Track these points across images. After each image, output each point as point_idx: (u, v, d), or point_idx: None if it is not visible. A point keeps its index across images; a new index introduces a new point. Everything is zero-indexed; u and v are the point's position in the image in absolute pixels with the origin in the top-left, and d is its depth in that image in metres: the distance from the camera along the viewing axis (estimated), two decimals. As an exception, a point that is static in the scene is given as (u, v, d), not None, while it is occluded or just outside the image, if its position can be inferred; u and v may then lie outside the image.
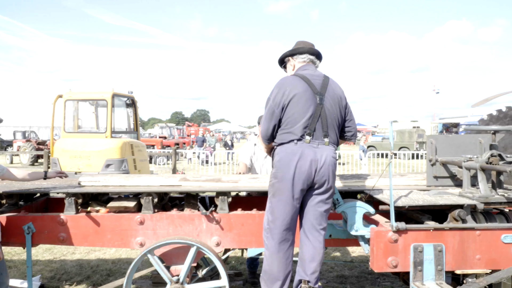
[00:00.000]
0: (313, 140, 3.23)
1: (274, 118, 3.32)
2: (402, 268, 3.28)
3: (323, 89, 3.29)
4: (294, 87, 3.27)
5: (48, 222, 3.85)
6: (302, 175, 3.18)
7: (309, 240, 3.30)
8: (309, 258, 3.28)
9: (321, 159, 3.20)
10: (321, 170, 3.20)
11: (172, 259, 3.83)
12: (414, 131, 27.89)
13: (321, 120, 3.25)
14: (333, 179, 3.30)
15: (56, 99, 9.55)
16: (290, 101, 3.24)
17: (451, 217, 3.35)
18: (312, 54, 3.50)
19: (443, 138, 4.02)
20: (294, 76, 3.37)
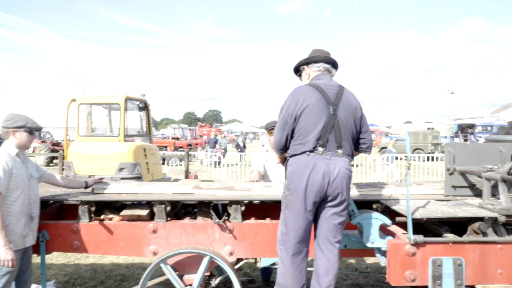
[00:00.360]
0: (326, 152, 3.16)
1: (287, 128, 3.27)
2: (420, 282, 3.19)
3: (337, 100, 3.22)
4: (307, 97, 3.21)
5: (62, 230, 3.85)
6: (315, 187, 3.11)
7: (323, 253, 3.23)
8: (324, 272, 3.22)
9: (334, 171, 3.13)
10: (334, 182, 3.13)
11: (185, 268, 3.80)
12: (429, 133, 27.56)
13: (335, 131, 3.18)
14: (347, 191, 3.22)
15: (70, 103, 9.60)
16: (303, 111, 3.19)
17: (471, 230, 3.26)
18: (327, 62, 3.43)
19: (462, 147, 3.93)
20: (308, 85, 3.31)
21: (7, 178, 3.35)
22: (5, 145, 3.53)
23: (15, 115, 3.56)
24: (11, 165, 3.41)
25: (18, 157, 3.55)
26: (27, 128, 3.55)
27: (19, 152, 3.56)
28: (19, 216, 3.44)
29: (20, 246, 3.46)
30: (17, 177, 3.44)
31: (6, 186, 3.34)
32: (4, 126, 3.52)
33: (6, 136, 3.54)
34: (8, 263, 3.27)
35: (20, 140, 3.55)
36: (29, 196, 3.54)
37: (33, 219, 3.59)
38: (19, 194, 3.44)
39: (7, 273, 3.36)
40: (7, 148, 3.51)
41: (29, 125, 3.57)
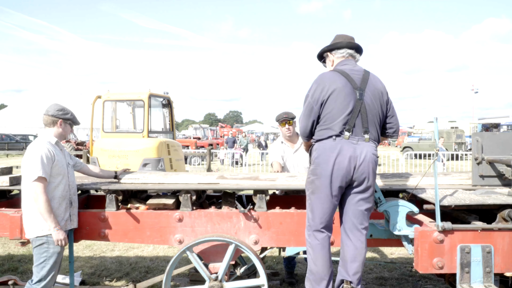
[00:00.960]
0: (353, 136, 3.14)
1: (313, 114, 3.26)
2: (448, 270, 3.16)
3: (363, 84, 3.20)
4: (333, 83, 3.19)
5: (90, 219, 3.92)
6: (341, 171, 3.10)
7: (351, 240, 3.23)
8: (351, 258, 3.21)
9: (361, 156, 3.11)
10: (360, 167, 3.11)
11: (210, 257, 3.83)
12: (453, 132, 27.14)
13: (361, 115, 3.16)
14: (373, 176, 3.19)
15: (95, 100, 9.77)
16: (329, 97, 3.17)
17: (500, 217, 3.21)
18: (350, 48, 3.40)
19: (490, 136, 3.86)
20: (333, 71, 3.30)
21: (50, 164, 3.51)
22: (45, 133, 3.68)
23: (64, 107, 3.74)
24: (53, 152, 3.57)
25: (57, 145, 3.71)
26: (72, 122, 3.77)
27: (57, 141, 3.71)
28: (61, 201, 3.61)
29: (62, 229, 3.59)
30: (58, 164, 3.60)
31: (49, 172, 3.50)
32: (53, 115, 3.66)
33: (51, 124, 3.69)
34: (60, 242, 3.46)
35: (64, 131, 3.74)
36: (68, 182, 3.70)
37: (72, 204, 3.74)
38: (60, 179, 3.61)
39: (55, 254, 3.53)
40: (47, 136, 3.66)
41: (75, 120, 3.79)
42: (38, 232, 3.50)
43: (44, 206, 3.40)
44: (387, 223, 3.44)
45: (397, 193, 3.95)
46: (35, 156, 3.46)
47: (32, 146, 3.56)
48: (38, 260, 3.52)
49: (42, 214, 3.42)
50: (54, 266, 3.55)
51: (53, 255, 3.53)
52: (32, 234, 3.52)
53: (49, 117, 3.67)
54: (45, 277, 3.51)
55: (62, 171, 3.64)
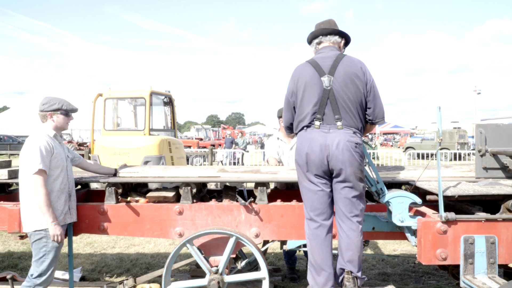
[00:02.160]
0: (324, 125, 3.12)
1: (290, 107, 3.35)
2: (451, 261, 3.11)
3: (332, 70, 3.13)
4: (301, 74, 3.25)
5: (89, 212, 3.89)
6: (314, 161, 3.10)
7: (343, 229, 3.19)
8: (345, 247, 3.18)
9: (333, 144, 3.05)
10: (334, 156, 3.05)
11: (211, 250, 3.79)
12: (455, 132, 27.03)
13: (331, 103, 3.11)
14: (353, 164, 3.05)
15: (96, 98, 9.76)
16: (298, 88, 3.24)
17: (504, 208, 3.16)
18: (315, 37, 3.37)
19: (494, 128, 3.82)
20: (304, 62, 3.32)
21: (49, 157, 3.48)
22: (43, 127, 3.64)
23: (50, 98, 3.66)
24: (52, 145, 3.53)
25: (56, 138, 3.67)
26: (63, 110, 3.67)
27: (56, 134, 3.68)
28: (60, 194, 3.57)
29: (61, 223, 3.56)
30: (57, 157, 3.57)
31: (48, 165, 3.47)
32: (41, 110, 3.63)
33: (44, 119, 3.66)
34: (57, 237, 3.42)
35: (57, 122, 3.66)
36: (67, 175, 3.68)
37: (71, 197, 3.71)
38: (59, 172, 3.58)
39: (54, 248, 3.49)
40: (45, 129, 3.62)
41: (65, 107, 3.68)
42: (36, 226, 3.47)
43: (43, 199, 3.37)
44: (390, 214, 3.40)
45: (400, 186, 3.91)
46: (34, 149, 3.42)
47: (31, 138, 3.51)
48: (38, 254, 3.48)
49: (41, 208, 3.39)
50: (53, 261, 3.52)
51: (52, 249, 3.49)
52: (30, 228, 3.48)
53: (39, 113, 3.66)
54: (45, 272, 3.48)
55: (61, 163, 3.60)
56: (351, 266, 3.16)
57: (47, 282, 3.53)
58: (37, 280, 3.47)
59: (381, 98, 3.27)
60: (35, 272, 3.48)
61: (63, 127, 3.72)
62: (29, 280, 3.48)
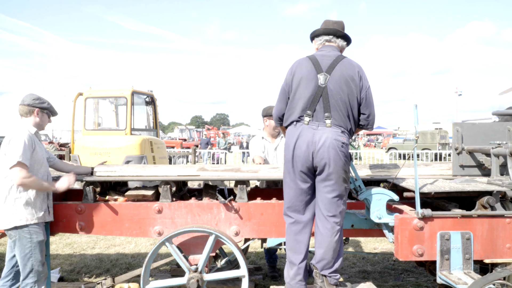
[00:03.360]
0: (313, 122, 3.13)
1: (285, 98, 3.33)
2: (428, 257, 3.15)
3: (330, 69, 3.16)
4: (299, 68, 3.25)
5: (66, 211, 3.84)
6: (300, 157, 3.11)
7: (318, 226, 3.21)
8: (317, 244, 3.20)
9: (320, 141, 3.06)
10: (319, 152, 3.05)
11: (191, 249, 3.78)
12: (437, 132, 27.36)
13: (323, 101, 3.13)
14: (337, 163, 3.06)
15: (76, 97, 9.65)
16: (294, 81, 3.24)
17: (479, 205, 3.21)
18: (327, 34, 3.38)
19: (470, 126, 3.88)
20: (305, 57, 3.32)
21: (30, 152, 3.45)
22: (24, 122, 3.59)
23: (40, 96, 3.66)
24: (33, 141, 3.51)
25: (36, 135, 3.63)
26: (49, 111, 3.70)
27: (37, 131, 3.64)
28: (42, 192, 3.56)
29: (41, 219, 3.54)
30: (38, 153, 3.55)
31: (29, 158, 3.43)
32: (30, 104, 3.59)
33: (28, 114, 3.60)
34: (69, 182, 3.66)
35: (41, 120, 3.66)
36: (46, 173, 3.66)
37: (48, 195, 3.68)
38: (38, 168, 3.55)
39: (39, 243, 3.47)
40: (27, 125, 3.58)
41: (52, 109, 3.72)
42: (16, 222, 3.40)
43: (36, 183, 3.42)
44: (368, 211, 3.42)
45: (379, 183, 3.94)
46: (17, 141, 3.38)
47: (14, 132, 3.46)
48: (23, 252, 3.43)
49: (40, 189, 3.48)
50: (41, 255, 3.50)
51: (37, 244, 3.47)
52: (9, 224, 3.40)
53: (25, 107, 3.59)
54: (36, 265, 3.45)
55: (41, 160, 3.58)
56: (319, 264, 3.18)
57: (43, 274, 3.52)
58: (30, 278, 3.44)
59: (374, 106, 3.30)
60: (24, 271, 3.44)
61: (42, 126, 3.70)
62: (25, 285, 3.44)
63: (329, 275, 3.17)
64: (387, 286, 4.76)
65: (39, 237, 3.47)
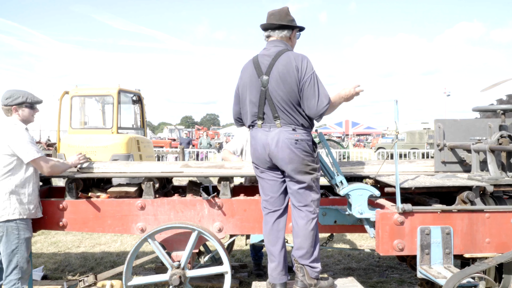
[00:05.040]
0: (265, 124, 3.19)
1: (236, 101, 3.46)
2: (408, 252, 3.17)
3: (269, 70, 3.12)
4: (244, 74, 3.32)
5: (48, 207, 3.81)
6: (259, 158, 3.25)
7: (293, 217, 3.28)
8: (294, 234, 3.27)
9: (273, 142, 3.11)
10: (273, 153, 3.13)
11: (174, 245, 3.77)
12: (425, 132, 27.58)
13: (268, 103, 3.14)
14: (293, 159, 3.08)
15: (62, 95, 9.56)
16: (240, 87, 3.36)
17: (459, 200, 3.24)
18: (264, 29, 3.33)
19: (451, 123, 3.91)
20: (250, 60, 3.34)
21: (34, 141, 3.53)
22: (11, 120, 3.57)
23: (13, 92, 3.59)
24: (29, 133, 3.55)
25: (27, 131, 3.61)
26: (27, 103, 3.61)
27: (26, 127, 3.63)
28: (34, 186, 3.58)
29: (32, 216, 3.56)
30: None
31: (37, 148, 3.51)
32: (5, 104, 3.56)
33: (9, 113, 3.59)
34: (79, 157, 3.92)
35: (23, 116, 3.61)
36: None
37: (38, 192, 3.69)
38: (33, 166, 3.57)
39: (25, 240, 3.47)
40: (15, 121, 3.56)
41: (30, 100, 3.63)
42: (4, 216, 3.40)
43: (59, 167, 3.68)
44: (350, 206, 3.44)
45: (361, 179, 3.97)
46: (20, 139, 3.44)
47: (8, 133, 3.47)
48: (9, 248, 3.41)
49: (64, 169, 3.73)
50: (27, 252, 3.48)
51: (24, 241, 3.46)
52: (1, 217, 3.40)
53: (3, 108, 3.59)
54: (21, 262, 3.43)
55: None
56: (298, 253, 3.22)
57: (27, 272, 3.50)
58: (15, 275, 3.41)
59: (318, 95, 3.09)
60: (9, 268, 3.41)
61: (29, 120, 3.66)
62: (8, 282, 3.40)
63: (309, 265, 3.20)
64: (371, 283, 4.78)
65: (26, 233, 3.48)
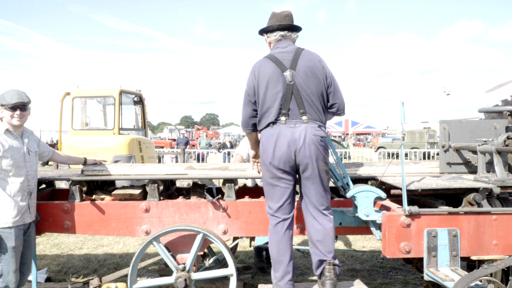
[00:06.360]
0: (289, 120, 3.13)
1: (251, 103, 3.28)
2: (415, 254, 3.16)
3: (294, 65, 3.16)
4: (262, 70, 3.22)
5: (53, 210, 3.79)
6: (282, 157, 3.10)
7: (318, 221, 3.21)
8: (321, 239, 3.19)
9: (300, 139, 3.08)
10: (301, 150, 3.08)
11: (178, 248, 3.75)
12: (425, 132, 27.58)
13: (295, 98, 3.13)
14: (318, 158, 3.11)
15: (63, 96, 9.54)
16: (260, 84, 3.20)
17: (466, 202, 3.23)
18: (283, 29, 3.34)
19: (457, 124, 3.90)
20: (264, 58, 3.30)
21: None
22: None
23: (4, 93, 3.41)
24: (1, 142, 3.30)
25: (10, 133, 3.41)
26: (6, 106, 3.36)
27: (9, 129, 3.40)
28: (18, 193, 3.37)
29: (19, 222, 3.37)
30: (7, 155, 3.32)
31: None
32: None
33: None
34: None
35: (6, 118, 3.38)
36: (26, 172, 3.45)
37: (31, 195, 3.52)
38: (15, 170, 3.36)
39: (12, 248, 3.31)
40: None
41: (6, 102, 3.36)
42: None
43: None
44: (355, 209, 3.43)
45: (367, 181, 3.96)
46: None
47: None
48: None
49: None
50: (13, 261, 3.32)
51: (9, 250, 3.30)
52: None
53: None
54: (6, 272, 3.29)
55: (15, 161, 3.36)
56: (330, 255, 3.20)
57: (13, 283, 3.33)
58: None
59: (340, 90, 3.32)
60: None
61: (10, 122, 3.40)
62: None
63: (337, 264, 3.24)
64: (375, 284, 4.77)
65: (10, 242, 3.30)
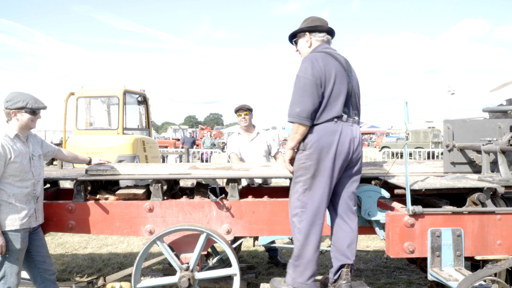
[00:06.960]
0: (348, 119, 3.18)
1: (318, 93, 3.06)
2: (419, 254, 3.15)
3: (349, 68, 3.26)
4: (328, 63, 3.12)
5: (57, 210, 3.81)
6: (343, 154, 3.10)
7: (347, 223, 3.22)
8: (350, 241, 3.20)
9: (357, 137, 3.18)
10: (357, 148, 3.20)
11: (182, 248, 3.76)
12: (429, 131, 27.48)
13: (351, 98, 3.21)
14: (362, 157, 3.34)
15: (68, 97, 9.56)
16: (328, 78, 3.08)
17: (470, 201, 3.22)
18: (330, 33, 3.41)
19: (461, 123, 3.88)
20: (322, 53, 3.20)
21: (2, 162, 3.22)
22: (5, 126, 3.35)
23: (16, 95, 3.35)
24: (9, 149, 3.26)
25: (18, 138, 3.37)
26: (28, 109, 3.33)
27: (18, 134, 3.36)
28: (24, 198, 3.34)
29: (25, 225, 3.34)
30: (16, 160, 3.29)
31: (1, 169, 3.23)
32: (5, 107, 3.33)
33: (8, 117, 3.36)
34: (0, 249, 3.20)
35: (22, 121, 3.33)
36: (32, 176, 3.41)
37: (37, 198, 3.48)
38: (22, 175, 3.33)
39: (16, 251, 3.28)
40: (6, 129, 3.34)
41: (30, 106, 3.33)
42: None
43: None
44: (359, 209, 3.42)
45: (370, 181, 3.95)
46: None
47: None
48: None
49: None
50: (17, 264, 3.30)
51: (13, 252, 3.27)
52: None
53: (4, 111, 3.36)
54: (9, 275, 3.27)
55: (22, 166, 3.33)
56: (353, 259, 3.23)
57: (15, 285, 3.32)
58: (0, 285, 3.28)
59: None
60: None
61: (28, 127, 3.40)
62: None
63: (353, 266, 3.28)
64: (379, 284, 4.76)
65: (16, 245, 3.27)
